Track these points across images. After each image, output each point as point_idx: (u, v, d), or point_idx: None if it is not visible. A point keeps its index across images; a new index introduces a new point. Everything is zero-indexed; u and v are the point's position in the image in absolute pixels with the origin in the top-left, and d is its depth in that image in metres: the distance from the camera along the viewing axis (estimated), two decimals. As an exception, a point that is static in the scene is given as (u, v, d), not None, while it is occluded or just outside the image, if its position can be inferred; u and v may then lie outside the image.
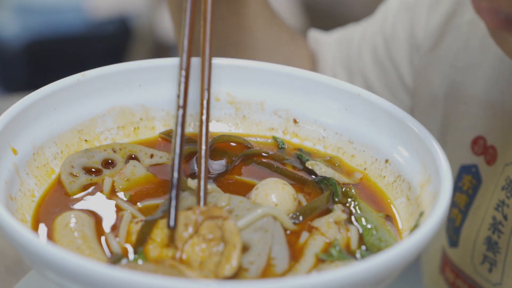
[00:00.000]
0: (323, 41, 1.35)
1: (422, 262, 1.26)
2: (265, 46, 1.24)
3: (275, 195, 0.81)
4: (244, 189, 0.85)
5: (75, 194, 0.83)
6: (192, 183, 0.81)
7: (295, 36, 1.31)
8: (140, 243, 0.76)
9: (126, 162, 0.88)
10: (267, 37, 1.23)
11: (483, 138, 1.10)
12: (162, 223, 0.77)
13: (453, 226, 1.14)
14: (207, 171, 0.82)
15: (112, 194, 0.83)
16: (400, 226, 0.82)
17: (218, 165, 0.89)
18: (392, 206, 0.85)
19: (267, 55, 1.23)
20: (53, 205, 0.81)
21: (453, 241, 1.14)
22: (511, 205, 1.04)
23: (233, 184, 0.86)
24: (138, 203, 0.82)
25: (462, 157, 1.13)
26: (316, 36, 1.36)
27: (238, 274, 0.73)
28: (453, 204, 1.14)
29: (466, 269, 1.11)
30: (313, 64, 1.34)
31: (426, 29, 1.21)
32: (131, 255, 0.76)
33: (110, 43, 3.51)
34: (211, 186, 0.82)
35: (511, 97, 1.07)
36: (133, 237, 0.77)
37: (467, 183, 1.12)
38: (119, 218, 0.80)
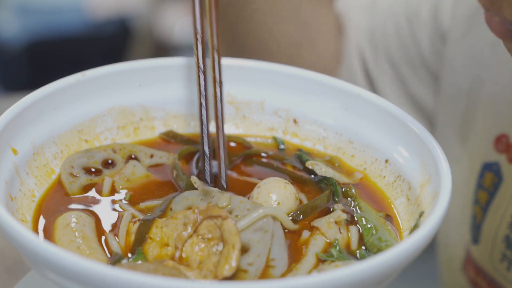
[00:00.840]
0: (352, 5, 1.30)
1: (441, 259, 1.25)
2: (282, 8, 1.20)
3: (277, 194, 0.81)
4: (244, 189, 0.85)
5: (75, 194, 0.83)
6: (194, 180, 0.81)
7: None
8: (139, 243, 0.76)
9: (126, 162, 0.88)
10: None
11: (506, 136, 1.09)
12: (161, 222, 0.77)
13: (475, 223, 1.13)
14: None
15: (112, 194, 0.83)
16: (400, 226, 0.82)
17: (217, 166, 0.89)
18: (392, 206, 0.85)
19: (284, 19, 1.19)
20: (53, 205, 0.81)
21: (475, 238, 1.13)
22: None
23: (233, 184, 0.86)
24: (140, 204, 0.82)
25: (485, 154, 1.12)
26: None
27: (237, 275, 0.72)
28: (475, 201, 1.13)
29: (486, 267, 1.10)
30: (336, 30, 1.29)
31: (453, 17, 1.18)
32: (130, 255, 0.76)
33: (110, 43, 3.51)
34: (211, 187, 0.82)
35: None
36: (132, 237, 0.77)
37: (488, 180, 1.11)
38: (119, 218, 0.80)
